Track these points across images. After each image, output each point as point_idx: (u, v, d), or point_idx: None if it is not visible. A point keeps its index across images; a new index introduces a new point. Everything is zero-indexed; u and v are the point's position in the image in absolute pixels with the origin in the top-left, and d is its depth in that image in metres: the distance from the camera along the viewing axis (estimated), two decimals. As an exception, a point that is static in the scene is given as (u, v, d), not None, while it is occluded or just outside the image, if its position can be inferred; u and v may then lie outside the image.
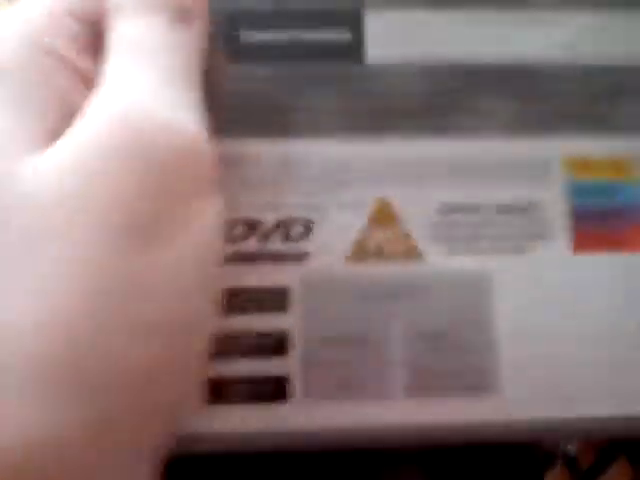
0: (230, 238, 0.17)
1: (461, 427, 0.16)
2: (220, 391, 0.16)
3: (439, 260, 0.17)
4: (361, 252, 0.17)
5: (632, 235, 0.17)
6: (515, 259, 0.17)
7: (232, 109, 0.17)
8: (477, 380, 0.16)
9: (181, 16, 0.15)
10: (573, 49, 0.18)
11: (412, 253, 0.17)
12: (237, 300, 0.16)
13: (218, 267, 0.15)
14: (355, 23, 0.18)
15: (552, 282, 0.17)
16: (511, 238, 0.17)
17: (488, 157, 0.18)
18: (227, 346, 0.16)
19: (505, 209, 0.17)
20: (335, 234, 0.17)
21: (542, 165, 0.18)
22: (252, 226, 0.17)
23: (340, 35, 0.18)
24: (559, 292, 0.17)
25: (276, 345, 0.16)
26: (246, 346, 0.16)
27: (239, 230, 0.17)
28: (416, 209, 0.17)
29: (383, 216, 0.17)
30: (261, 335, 0.16)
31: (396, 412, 0.16)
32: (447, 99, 0.18)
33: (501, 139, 0.18)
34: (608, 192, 0.18)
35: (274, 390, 0.16)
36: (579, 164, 0.18)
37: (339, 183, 0.17)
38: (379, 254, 0.17)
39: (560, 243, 0.17)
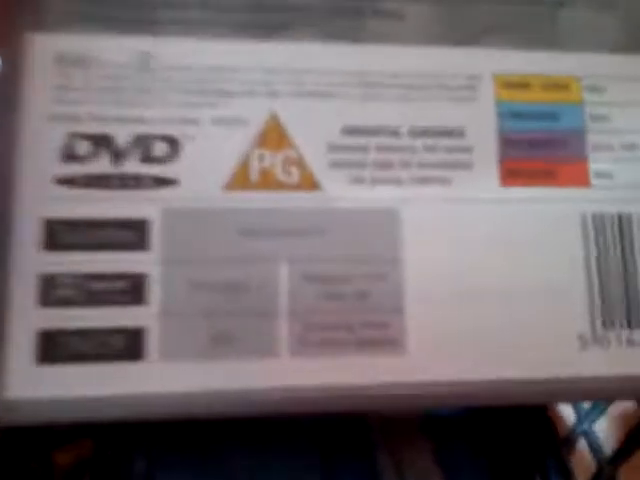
0: (73, 157, 0.13)
1: (358, 391, 0.13)
2: (54, 347, 0.13)
3: (339, 191, 0.14)
4: (242, 179, 0.14)
5: (564, 168, 0.15)
6: (432, 192, 0.14)
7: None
8: (377, 334, 0.13)
9: None
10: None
11: (306, 182, 0.14)
12: (82, 234, 0.13)
13: None
14: None
15: (475, 219, 0.14)
16: (428, 167, 0.14)
17: (404, 70, 0.15)
18: (66, 290, 0.13)
19: (422, 133, 0.14)
20: (210, 156, 0.14)
21: (469, 82, 0.15)
22: (101, 142, 0.13)
23: None
24: (481, 232, 0.14)
25: (130, 290, 0.13)
26: (92, 292, 0.13)
27: (84, 147, 0.13)
28: (314, 129, 0.14)
29: (272, 136, 0.14)
30: (111, 277, 0.13)
31: (280, 373, 0.13)
32: (357, 1, 0.15)
33: (420, 49, 0.15)
34: (545, 116, 0.15)
35: (126, 346, 0.13)
36: (512, 83, 0.15)
37: (216, 93, 0.14)
38: (265, 182, 0.14)
39: (486, 175, 0.14)
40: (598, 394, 0.15)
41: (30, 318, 0.13)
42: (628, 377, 0.14)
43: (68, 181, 0.13)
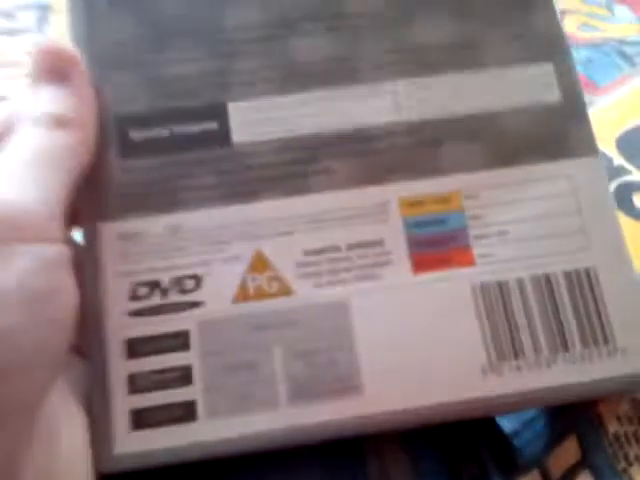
0: (136, 297, 0.21)
1: (336, 424, 0.20)
2: (142, 419, 0.20)
3: (306, 293, 0.21)
4: (243, 294, 0.21)
5: (456, 254, 0.22)
6: (367, 285, 0.22)
7: (127, 195, 0.22)
8: (344, 385, 0.21)
9: (58, 125, 0.20)
10: (398, 110, 0.23)
11: (285, 291, 0.21)
12: (150, 345, 0.21)
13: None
14: (220, 114, 0.23)
15: (399, 299, 0.21)
16: (363, 268, 0.22)
17: (338, 206, 0.22)
18: (144, 381, 0.21)
19: (356, 246, 0.22)
20: (221, 283, 0.21)
21: (382, 207, 0.22)
22: (153, 286, 0.21)
23: (209, 125, 0.23)
24: (405, 307, 0.21)
25: (183, 377, 0.21)
26: (160, 381, 0.21)
27: (142, 291, 0.21)
28: (285, 256, 0.22)
29: (259, 264, 0.22)
30: (171, 370, 0.21)
31: (283, 418, 0.20)
32: (301, 165, 0.22)
33: (348, 191, 0.22)
34: (438, 222, 0.22)
35: (184, 413, 0.20)
36: (412, 203, 0.22)
37: (221, 243, 0.22)
38: (259, 294, 0.21)
39: (402, 268, 0.22)
40: (499, 409, 0.21)
41: (124, 403, 0.20)
42: (519, 393, 0.21)
43: (137, 313, 0.21)
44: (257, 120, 0.23)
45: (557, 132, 0.23)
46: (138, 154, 0.22)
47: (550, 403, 0.21)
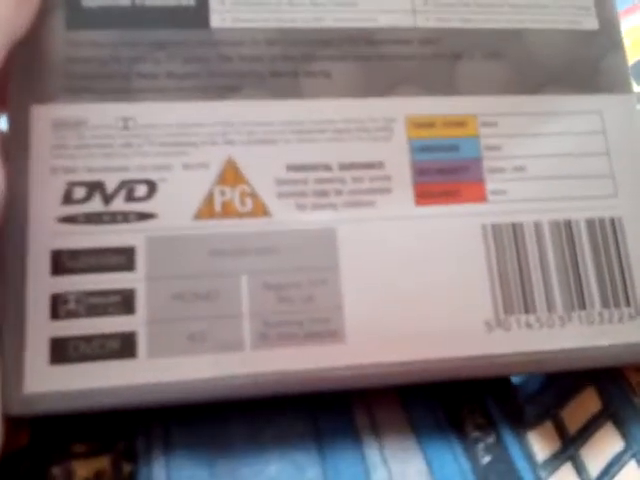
0: (72, 200, 0.17)
1: (311, 375, 0.17)
2: (64, 350, 0.16)
3: (286, 216, 0.17)
4: (208, 210, 0.17)
5: (466, 188, 0.18)
6: (361, 214, 0.18)
7: (72, 74, 0.17)
8: (322, 328, 0.17)
9: None
10: (413, 14, 0.19)
11: (259, 210, 0.17)
12: (81, 260, 0.16)
13: None
14: None
15: (396, 233, 0.18)
16: (356, 193, 0.18)
17: (333, 117, 0.18)
18: (70, 305, 0.16)
19: (350, 166, 0.18)
20: (181, 194, 0.17)
21: (386, 124, 0.18)
22: (93, 188, 0.17)
23: (184, 1, 0.18)
24: (402, 243, 0.18)
25: (122, 303, 0.16)
26: (91, 305, 0.16)
27: (79, 193, 0.17)
28: (263, 168, 0.18)
29: (230, 176, 0.18)
30: (106, 293, 0.16)
31: (245, 363, 0.16)
32: (293, 63, 0.18)
33: (345, 100, 0.18)
34: (448, 148, 0.19)
35: (120, 348, 0.16)
36: (421, 123, 0.19)
37: (184, 144, 0.17)
38: (226, 212, 0.17)
39: (403, 197, 0.18)
40: (504, 370, 0.18)
41: (43, 329, 0.16)
42: (528, 353, 0.18)
43: (68, 219, 0.17)
44: (244, 1, 0.19)
45: (590, 62, 0.20)
46: (89, 24, 0.18)
47: (561, 368, 0.18)
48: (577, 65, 0.20)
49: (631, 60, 0.27)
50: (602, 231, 0.18)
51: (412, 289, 0.17)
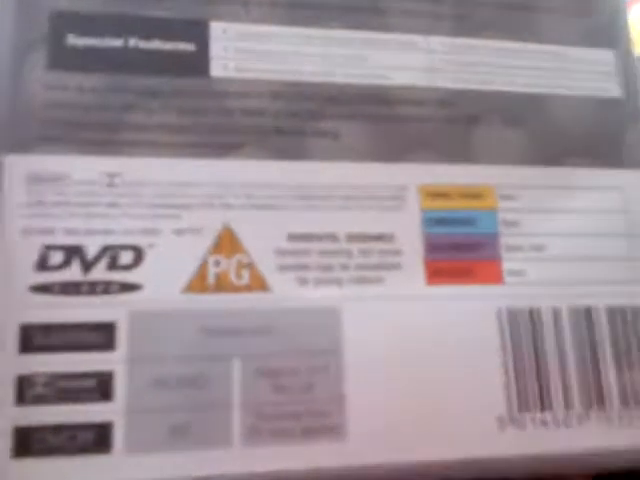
0: (47, 267, 0.15)
1: (305, 477, 0.15)
2: (28, 442, 0.14)
3: (286, 292, 0.16)
4: (200, 283, 0.15)
5: (481, 267, 0.17)
6: (368, 291, 0.16)
7: (51, 122, 0.15)
8: (322, 423, 0.15)
9: None
10: (431, 73, 0.18)
11: (257, 284, 0.16)
12: (54, 337, 0.14)
13: None
14: (200, 33, 0.17)
15: (405, 315, 0.16)
16: (364, 268, 0.16)
17: (341, 183, 0.17)
18: (39, 389, 0.14)
19: (358, 238, 0.16)
20: (170, 263, 0.15)
21: (397, 193, 0.17)
22: (71, 253, 0.15)
23: (182, 46, 0.17)
24: (411, 327, 0.16)
25: (98, 388, 0.14)
26: (63, 390, 0.14)
27: (56, 258, 0.15)
28: (263, 237, 0.16)
29: (226, 244, 0.16)
30: (80, 376, 0.14)
31: (233, 462, 0.15)
32: (299, 120, 0.17)
33: (355, 164, 0.17)
34: (464, 222, 0.17)
35: (94, 440, 0.14)
36: (435, 193, 0.17)
37: (176, 206, 0.16)
38: (220, 285, 0.16)
39: (413, 274, 0.16)
40: (516, 472, 0.16)
41: (5, 416, 0.14)
42: (542, 456, 0.16)
43: (42, 289, 0.15)
44: (247, 50, 0.17)
45: (613, 133, 0.19)
46: (74, 65, 0.16)
47: (578, 470, 0.16)
48: (600, 135, 0.19)
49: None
50: (623, 320, 0.17)
51: (420, 380, 0.16)
